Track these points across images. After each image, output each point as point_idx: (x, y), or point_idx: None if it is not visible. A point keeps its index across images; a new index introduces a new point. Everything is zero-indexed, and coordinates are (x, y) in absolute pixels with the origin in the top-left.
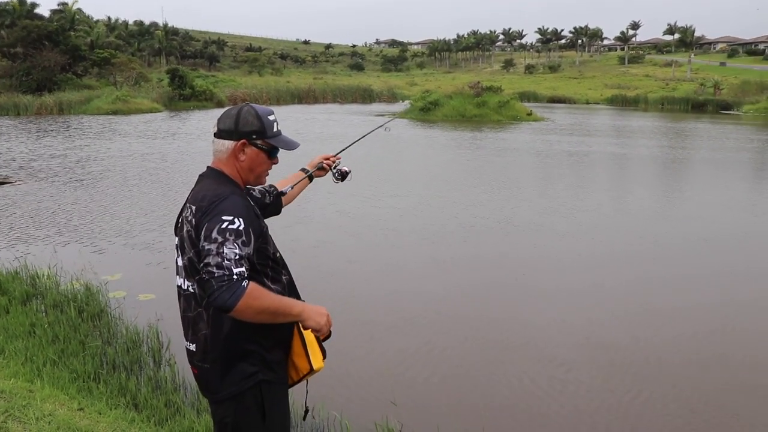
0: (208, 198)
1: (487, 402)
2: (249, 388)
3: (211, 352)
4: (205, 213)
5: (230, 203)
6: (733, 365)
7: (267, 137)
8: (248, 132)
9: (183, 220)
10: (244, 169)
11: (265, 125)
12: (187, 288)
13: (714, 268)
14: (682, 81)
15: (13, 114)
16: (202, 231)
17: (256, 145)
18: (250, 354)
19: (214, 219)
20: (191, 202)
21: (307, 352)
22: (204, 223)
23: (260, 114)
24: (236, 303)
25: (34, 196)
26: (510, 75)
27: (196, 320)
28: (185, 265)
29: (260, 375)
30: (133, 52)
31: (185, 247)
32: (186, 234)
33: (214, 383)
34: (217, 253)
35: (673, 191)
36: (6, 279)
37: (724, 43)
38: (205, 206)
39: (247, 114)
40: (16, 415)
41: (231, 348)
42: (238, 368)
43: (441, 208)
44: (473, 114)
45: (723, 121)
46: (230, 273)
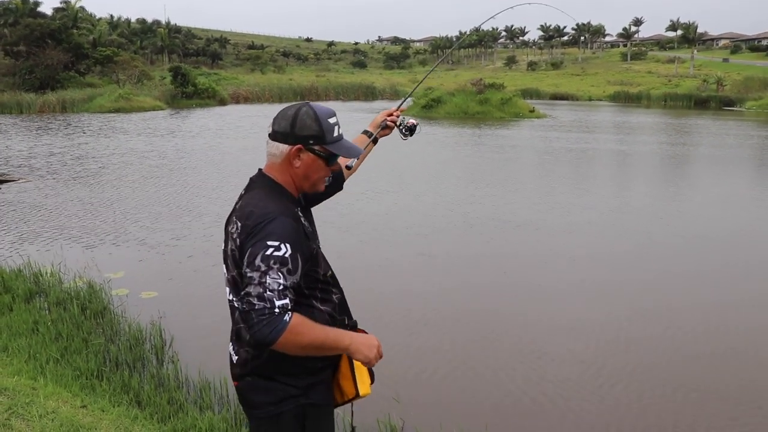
0: (254, 217)
1: (489, 399)
2: (290, 410)
3: (253, 369)
4: (250, 235)
5: (278, 226)
6: (736, 363)
7: (326, 143)
8: (305, 136)
9: (228, 236)
10: (298, 177)
11: (324, 129)
12: (232, 299)
13: (713, 265)
14: (685, 77)
15: (16, 112)
16: (246, 255)
17: (314, 150)
18: (295, 375)
19: (258, 243)
20: (238, 217)
21: (354, 376)
22: (248, 247)
23: (319, 116)
24: (277, 338)
25: (37, 194)
26: (512, 72)
27: (239, 333)
28: (230, 280)
29: (302, 399)
30: (136, 50)
31: (228, 264)
32: (230, 251)
33: (254, 400)
34: (260, 282)
35: (672, 188)
36: (9, 277)
37: (727, 39)
38: (251, 226)
39: (305, 116)
40: (20, 412)
41: (273, 368)
42: (280, 389)
43: (443, 206)
44: (476, 111)
45: (725, 118)
46: (272, 306)
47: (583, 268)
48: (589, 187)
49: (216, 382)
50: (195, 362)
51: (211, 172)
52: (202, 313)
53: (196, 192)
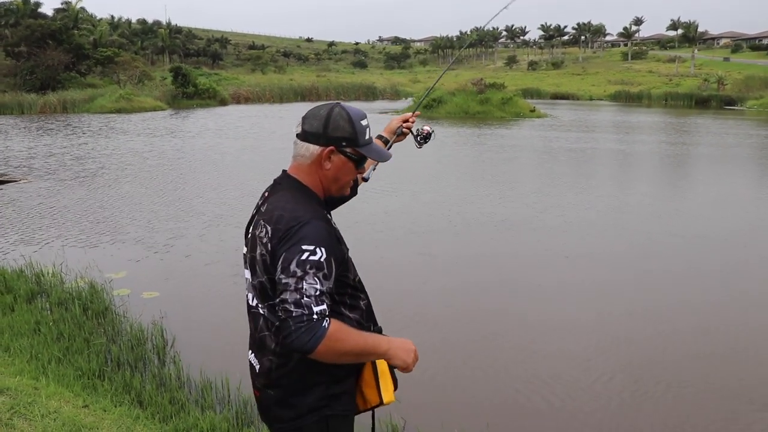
0: (285, 221)
1: (490, 399)
2: (314, 422)
3: (277, 380)
4: (283, 239)
5: (311, 229)
6: (736, 361)
7: (358, 145)
8: (338, 138)
9: (256, 240)
10: (328, 179)
11: (358, 132)
12: (255, 306)
13: (712, 264)
14: (686, 77)
15: (17, 113)
16: (279, 261)
17: (345, 153)
18: (319, 386)
19: (292, 248)
20: (266, 221)
21: (378, 384)
22: (282, 252)
23: (353, 118)
24: (316, 346)
25: (38, 194)
26: (513, 72)
27: (263, 342)
28: (255, 286)
29: (327, 410)
30: (137, 51)
31: (257, 270)
32: (259, 256)
33: (276, 412)
34: (296, 288)
35: (672, 187)
36: (11, 277)
37: (727, 38)
38: (282, 231)
39: (338, 117)
40: (22, 412)
41: (298, 379)
42: (305, 401)
43: (443, 205)
44: (476, 111)
45: (726, 117)
46: (310, 312)
47: (583, 268)
48: (589, 187)
49: (218, 381)
50: (196, 362)
51: (211, 172)
52: (203, 313)
53: (196, 192)
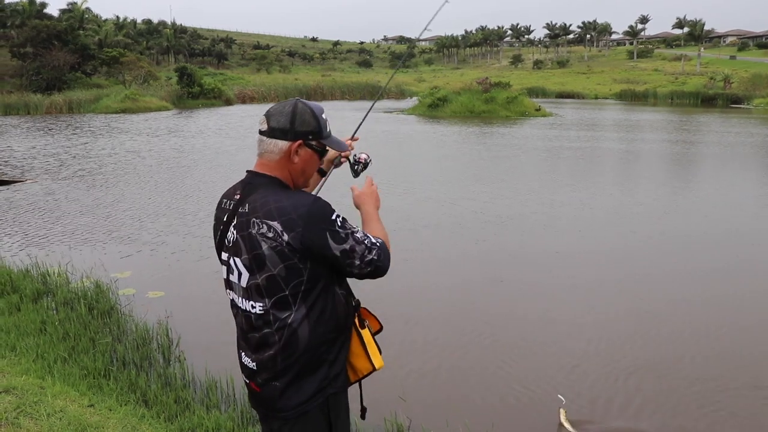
0: (290, 209)
1: (496, 397)
2: (318, 404)
3: (282, 371)
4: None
5: (321, 204)
6: (742, 362)
7: (323, 138)
8: (305, 132)
9: (256, 238)
10: (296, 172)
11: (321, 125)
12: (250, 309)
13: (719, 263)
14: (692, 75)
15: (23, 113)
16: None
17: (311, 146)
18: (320, 368)
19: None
20: (265, 217)
21: (367, 352)
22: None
23: (316, 113)
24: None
25: (44, 194)
26: (518, 71)
27: (262, 342)
28: (259, 284)
29: (329, 389)
30: (142, 51)
31: (266, 264)
32: (267, 251)
33: (282, 401)
34: (357, 243)
35: (679, 187)
36: (17, 277)
37: (734, 36)
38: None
39: (303, 112)
40: (28, 411)
41: (303, 366)
42: (310, 385)
43: (451, 204)
44: (481, 110)
45: (733, 115)
46: (376, 246)
47: (587, 267)
48: (594, 186)
49: (223, 381)
50: (202, 361)
51: (217, 172)
52: (208, 312)
53: (202, 192)
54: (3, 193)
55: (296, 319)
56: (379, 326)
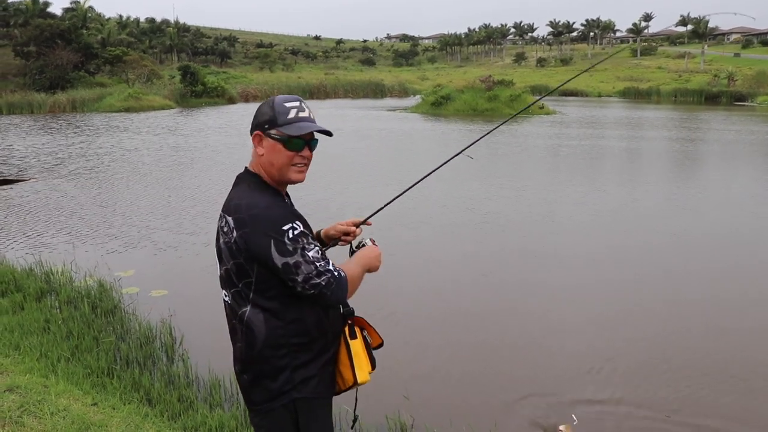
0: (244, 208)
1: (498, 397)
2: (282, 405)
3: (246, 365)
4: (252, 225)
5: (278, 211)
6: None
7: (278, 125)
8: (261, 122)
9: (219, 231)
10: (265, 163)
11: (277, 112)
12: (225, 297)
13: (728, 262)
14: (696, 73)
15: (27, 112)
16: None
17: (270, 135)
18: (283, 370)
19: (269, 230)
20: (225, 212)
21: (352, 364)
22: (256, 236)
23: (275, 103)
24: (346, 295)
25: (47, 193)
26: (521, 68)
27: (232, 331)
28: (222, 275)
29: (294, 393)
30: (145, 50)
31: (223, 258)
32: (224, 245)
33: (249, 394)
34: (305, 262)
35: (689, 186)
36: (21, 276)
37: (738, 33)
38: (247, 218)
39: (263, 105)
40: (32, 410)
41: (263, 364)
42: (271, 385)
43: (461, 204)
44: (485, 108)
45: (734, 113)
46: (329, 272)
47: (588, 266)
48: (599, 184)
49: (226, 379)
50: (205, 360)
51: (219, 170)
52: (212, 310)
53: (205, 190)
54: (6, 192)
55: (251, 316)
56: (380, 341)
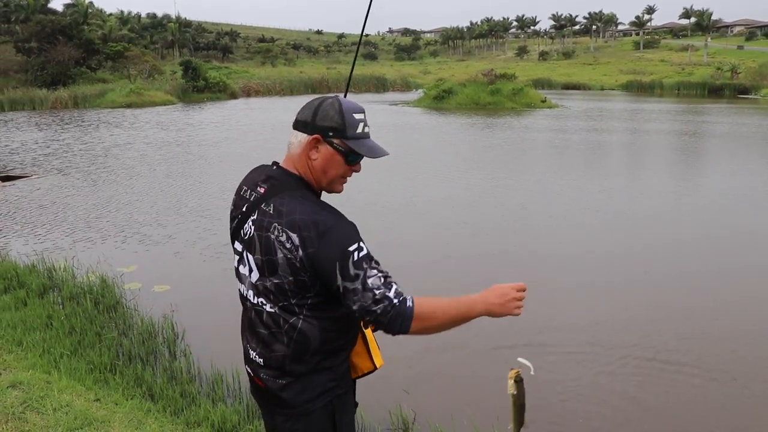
0: (310, 225)
1: (500, 391)
2: (322, 406)
3: (291, 371)
4: (320, 244)
5: (346, 228)
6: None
7: (346, 137)
8: (325, 127)
9: (273, 243)
10: (316, 170)
11: (347, 123)
12: (261, 306)
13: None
14: (699, 65)
15: (28, 108)
16: (331, 268)
17: (332, 144)
18: (328, 370)
19: (336, 251)
20: (287, 227)
21: (369, 351)
22: (325, 259)
23: (344, 109)
24: (408, 328)
25: (49, 189)
26: (524, 62)
27: (270, 339)
28: (267, 287)
29: (337, 389)
30: (146, 45)
31: (276, 271)
32: (282, 260)
33: (288, 399)
34: (365, 288)
35: (694, 180)
36: (23, 272)
37: (741, 26)
38: (315, 237)
39: (328, 107)
40: (34, 405)
41: (312, 368)
42: (318, 385)
43: (473, 196)
44: (487, 102)
45: (735, 106)
46: (389, 301)
47: (589, 264)
48: (604, 179)
49: (228, 374)
50: (207, 355)
51: (222, 165)
52: (214, 306)
53: (207, 186)
54: (8, 189)
55: (305, 324)
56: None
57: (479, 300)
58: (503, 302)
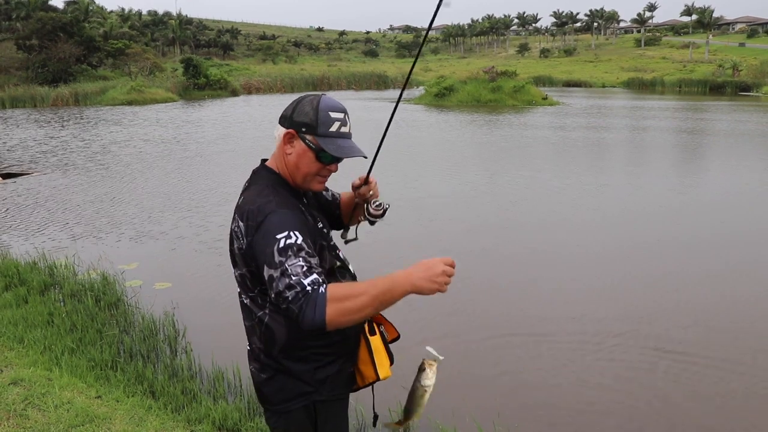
0: (253, 215)
1: (501, 387)
2: (303, 407)
3: (265, 366)
4: (257, 233)
5: (279, 218)
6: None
7: (317, 134)
8: (299, 123)
9: (232, 234)
10: (290, 165)
11: (320, 120)
12: (240, 297)
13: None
14: (700, 63)
15: (29, 105)
16: (260, 255)
17: (305, 140)
18: (304, 373)
19: (268, 241)
20: (239, 216)
21: (373, 360)
22: (259, 246)
23: (320, 107)
24: (324, 315)
25: (50, 187)
26: (525, 59)
27: (249, 331)
28: (237, 278)
29: (314, 395)
30: (147, 42)
31: (237, 262)
32: (237, 250)
33: (266, 395)
34: (283, 274)
35: (687, 176)
36: (25, 269)
37: (743, 23)
38: (253, 226)
39: (306, 103)
40: (36, 402)
41: (283, 366)
42: (291, 386)
43: (474, 195)
44: (488, 99)
45: (741, 103)
46: (302, 287)
47: (589, 262)
48: (603, 176)
49: (229, 372)
50: (208, 352)
51: (222, 163)
52: (215, 303)
53: (208, 183)
54: (9, 186)
55: (270, 319)
56: (397, 335)
57: (403, 276)
58: (430, 277)
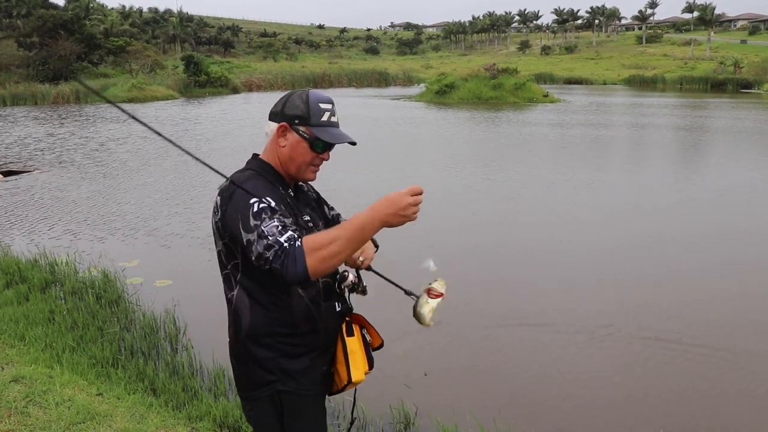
0: (226, 186)
1: (502, 385)
2: (268, 396)
3: (234, 351)
4: (229, 202)
5: (251, 185)
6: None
7: (310, 124)
8: (291, 116)
9: (213, 211)
10: (284, 157)
11: (311, 111)
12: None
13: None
14: (701, 60)
15: (30, 103)
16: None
17: (298, 131)
18: (268, 360)
19: (241, 207)
20: (217, 193)
21: (347, 362)
22: (232, 214)
23: (310, 99)
24: (305, 267)
25: (51, 184)
26: (526, 57)
27: (228, 319)
28: (217, 255)
29: (279, 385)
30: (148, 40)
31: (215, 238)
32: (213, 225)
33: (237, 381)
34: (260, 236)
35: (697, 175)
36: (25, 267)
37: (745, 20)
38: (227, 195)
39: (296, 97)
40: (37, 400)
41: (247, 352)
42: (255, 374)
43: (478, 192)
44: (489, 96)
45: (742, 100)
46: (279, 245)
47: (588, 261)
48: (603, 174)
49: (230, 369)
50: (209, 349)
51: (222, 160)
52: (216, 300)
53: (208, 180)
54: (10, 183)
55: (237, 301)
56: (380, 342)
57: (371, 215)
58: (397, 211)
